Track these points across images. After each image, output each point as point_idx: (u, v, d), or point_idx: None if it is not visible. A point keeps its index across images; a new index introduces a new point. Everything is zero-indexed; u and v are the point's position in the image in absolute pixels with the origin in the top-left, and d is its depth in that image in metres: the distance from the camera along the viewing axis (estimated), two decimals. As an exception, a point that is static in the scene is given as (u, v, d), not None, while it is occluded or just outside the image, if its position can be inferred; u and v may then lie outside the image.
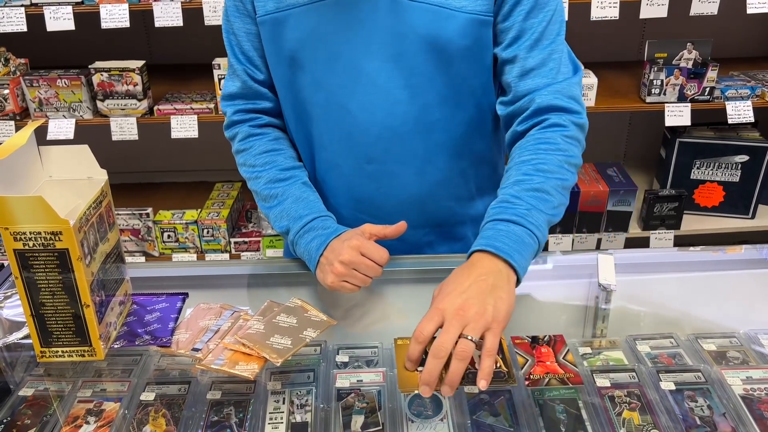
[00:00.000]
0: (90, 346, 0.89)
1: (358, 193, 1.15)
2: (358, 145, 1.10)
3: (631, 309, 1.13)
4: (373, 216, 1.15)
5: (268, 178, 1.14)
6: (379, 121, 1.07)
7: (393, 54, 1.02)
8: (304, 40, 1.04)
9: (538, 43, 1.01)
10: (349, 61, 1.04)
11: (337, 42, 1.03)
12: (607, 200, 2.33)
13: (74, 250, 0.82)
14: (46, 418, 0.87)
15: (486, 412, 0.86)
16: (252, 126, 1.18)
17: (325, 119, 1.10)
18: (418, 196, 1.14)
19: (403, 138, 1.08)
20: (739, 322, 1.03)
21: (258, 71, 1.14)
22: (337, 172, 1.14)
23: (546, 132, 1.01)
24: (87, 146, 0.96)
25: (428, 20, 1.00)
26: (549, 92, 1.01)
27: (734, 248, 1.46)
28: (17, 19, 2.02)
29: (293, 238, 1.10)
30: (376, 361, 0.96)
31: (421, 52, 1.02)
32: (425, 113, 1.07)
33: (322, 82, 1.06)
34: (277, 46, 1.07)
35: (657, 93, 2.20)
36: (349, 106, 1.07)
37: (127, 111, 2.18)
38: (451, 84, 1.05)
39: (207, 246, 2.40)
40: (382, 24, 1.01)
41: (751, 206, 2.43)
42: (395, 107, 1.06)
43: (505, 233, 0.90)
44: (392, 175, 1.12)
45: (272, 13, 1.05)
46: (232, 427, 0.85)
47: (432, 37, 1.01)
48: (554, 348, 0.96)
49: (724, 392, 0.88)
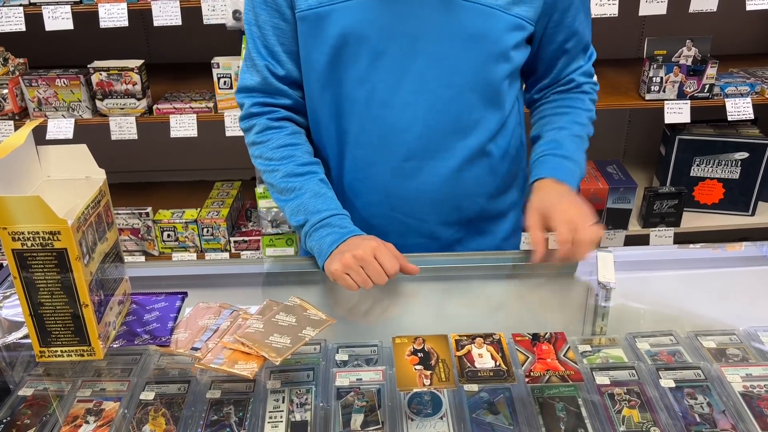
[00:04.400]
0: (89, 346, 0.88)
1: (394, 191, 1.15)
2: (397, 143, 1.10)
3: (631, 306, 1.13)
4: (407, 214, 1.16)
5: (285, 171, 1.13)
6: (422, 119, 1.08)
7: (438, 52, 1.04)
8: (348, 36, 1.04)
9: (580, 40, 1.18)
10: (394, 57, 1.05)
11: (383, 38, 1.04)
12: (606, 198, 2.33)
13: (72, 250, 0.82)
14: (45, 418, 0.87)
15: (485, 410, 0.86)
16: (270, 119, 1.17)
17: (365, 115, 1.10)
18: (453, 194, 1.15)
19: (443, 136, 1.10)
20: (739, 319, 1.03)
21: (280, 67, 1.13)
22: (374, 170, 1.14)
23: (577, 95, 1.23)
24: (85, 146, 0.96)
25: (478, 20, 1.02)
26: (581, 73, 1.22)
27: (734, 245, 1.46)
28: (16, 18, 2.02)
29: (308, 230, 1.10)
30: (375, 359, 0.96)
31: (468, 52, 1.04)
32: (466, 112, 1.09)
33: (366, 78, 1.07)
34: (318, 41, 1.07)
35: (656, 90, 2.20)
36: (392, 102, 1.07)
37: (126, 110, 2.18)
38: (491, 84, 1.09)
39: (207, 245, 2.40)
40: (429, 21, 1.03)
41: (751, 203, 2.43)
42: (438, 105, 1.07)
43: (564, 167, 1.14)
44: (430, 173, 1.13)
45: (315, 8, 1.04)
46: (232, 426, 0.85)
47: (480, 36, 1.03)
48: (555, 345, 0.96)
49: (724, 389, 0.88)
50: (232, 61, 2.11)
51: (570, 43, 1.16)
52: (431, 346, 0.95)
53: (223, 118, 2.16)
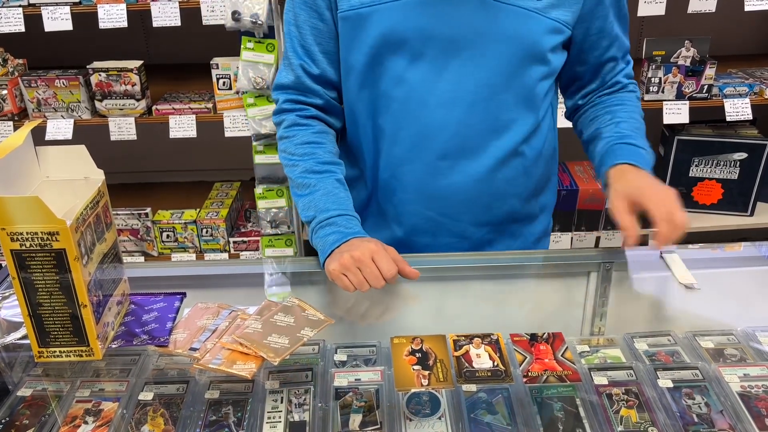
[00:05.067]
0: (88, 346, 0.89)
1: (428, 190, 1.16)
2: (433, 141, 1.12)
3: (629, 307, 1.13)
4: (441, 213, 1.17)
5: (304, 167, 1.15)
6: (458, 118, 1.10)
7: (477, 53, 1.06)
8: (388, 36, 1.06)
9: (621, 46, 1.21)
10: (433, 58, 1.07)
11: (422, 39, 1.05)
12: (606, 198, 2.33)
13: (71, 250, 0.82)
14: (44, 418, 0.87)
15: (484, 410, 0.86)
16: (299, 116, 1.19)
17: (402, 114, 1.11)
18: (486, 194, 1.16)
19: (479, 136, 1.11)
20: (737, 319, 1.03)
21: (315, 66, 1.15)
22: (409, 168, 1.15)
23: (626, 94, 1.25)
24: (84, 146, 0.96)
25: (517, 22, 1.04)
26: (624, 75, 1.25)
27: (733, 245, 1.46)
28: (15, 19, 2.02)
29: (314, 226, 1.12)
30: (374, 359, 0.96)
31: (505, 53, 1.06)
32: (502, 113, 1.11)
33: (404, 77, 1.09)
34: (359, 41, 1.09)
35: (655, 91, 2.20)
36: (429, 101, 1.09)
37: (126, 111, 2.18)
38: (528, 86, 1.10)
39: (206, 246, 2.40)
40: (468, 23, 1.04)
41: (750, 204, 2.43)
42: (474, 105, 1.09)
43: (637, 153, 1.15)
44: (465, 173, 1.14)
45: (357, 8, 1.06)
46: (231, 426, 0.85)
47: (518, 38, 1.05)
48: (553, 345, 0.96)
49: (722, 389, 0.88)
50: (231, 61, 2.12)
51: (613, 49, 1.19)
52: (429, 347, 0.95)
53: (223, 118, 2.16)
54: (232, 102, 2.17)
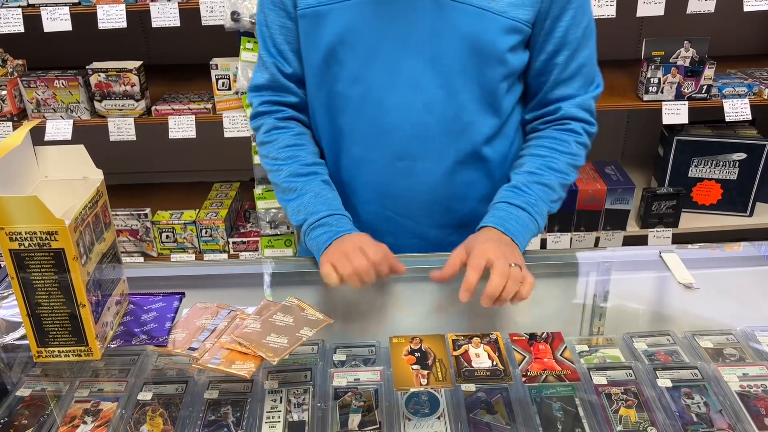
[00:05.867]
0: (86, 346, 0.88)
1: (386, 190, 1.16)
2: (391, 142, 1.11)
3: (628, 306, 1.13)
4: (400, 214, 1.17)
5: (289, 171, 1.15)
6: (415, 119, 1.08)
7: (432, 53, 1.04)
8: (344, 35, 1.05)
9: (572, 58, 1.11)
10: (388, 57, 1.06)
11: (377, 38, 1.05)
12: (605, 198, 2.33)
13: (70, 250, 0.82)
14: (43, 419, 0.87)
15: (483, 410, 0.86)
16: (276, 119, 1.19)
17: (359, 114, 1.11)
18: (446, 196, 1.15)
19: (436, 137, 1.10)
20: (736, 319, 1.03)
21: (287, 64, 1.15)
22: (367, 168, 1.15)
23: (563, 134, 1.14)
24: (83, 146, 0.96)
25: (470, 21, 1.02)
26: (573, 104, 1.14)
27: (732, 245, 1.46)
28: (14, 19, 2.02)
29: (306, 229, 1.11)
30: (373, 359, 0.96)
31: (461, 53, 1.04)
32: (460, 113, 1.09)
33: (360, 76, 1.08)
34: (316, 38, 1.08)
35: (654, 91, 2.20)
36: (385, 102, 1.08)
37: (125, 111, 2.18)
38: (486, 87, 1.08)
39: (205, 246, 2.40)
40: (423, 22, 1.03)
41: (749, 204, 2.43)
42: (431, 106, 1.08)
43: (515, 217, 1.07)
44: (422, 174, 1.13)
45: (314, 6, 1.06)
46: (230, 426, 0.85)
47: (473, 38, 1.03)
48: (552, 345, 0.96)
49: (721, 389, 0.88)
50: (230, 62, 2.12)
51: (560, 57, 1.09)
52: (428, 346, 0.95)
53: (222, 119, 2.16)
54: (232, 102, 2.17)
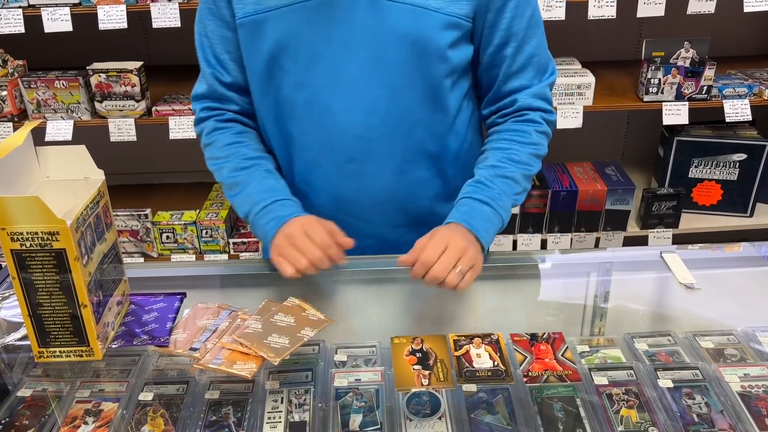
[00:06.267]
0: (88, 346, 0.88)
1: (339, 193, 1.15)
2: (338, 145, 1.10)
3: (629, 307, 1.13)
4: (354, 216, 1.16)
5: (230, 167, 1.15)
6: (360, 121, 1.08)
7: (373, 54, 1.04)
8: (285, 41, 1.05)
9: (520, 49, 1.09)
10: (330, 61, 1.05)
11: (318, 42, 1.04)
12: (605, 199, 2.33)
13: (71, 250, 0.82)
14: (44, 419, 0.87)
15: (484, 410, 0.86)
16: (217, 120, 1.19)
17: (306, 119, 1.11)
18: (398, 195, 1.14)
19: (383, 138, 1.09)
20: (737, 319, 1.04)
21: (227, 74, 1.15)
22: (319, 172, 1.15)
23: (523, 125, 1.13)
24: (84, 146, 0.96)
25: (407, 20, 1.01)
26: (528, 95, 1.13)
27: (732, 246, 1.46)
28: (15, 20, 2.02)
29: (252, 219, 1.11)
30: (374, 360, 0.96)
31: (401, 53, 1.03)
32: (405, 113, 1.08)
33: (304, 82, 1.07)
34: (257, 47, 1.08)
35: (655, 92, 2.20)
36: (330, 105, 1.08)
37: (125, 112, 2.18)
38: (430, 85, 1.07)
39: (206, 247, 2.40)
40: (362, 24, 1.02)
41: (749, 204, 2.43)
42: (376, 107, 1.07)
43: (479, 212, 1.06)
44: (372, 175, 1.12)
45: (252, 15, 1.06)
46: (231, 426, 0.85)
47: (411, 36, 1.02)
48: (553, 345, 0.96)
49: (722, 389, 0.88)
50: (231, 62, 2.11)
51: (509, 49, 1.08)
52: (429, 346, 0.95)
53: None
54: (232, 103, 2.17)
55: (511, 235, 2.38)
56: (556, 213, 2.35)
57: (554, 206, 2.33)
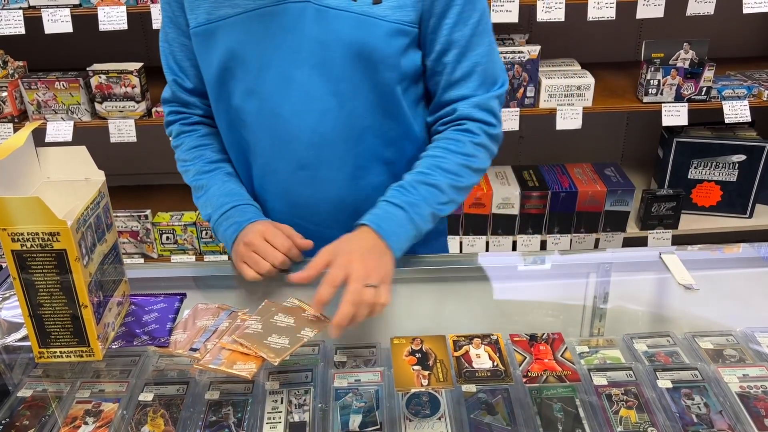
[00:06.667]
0: (88, 347, 0.89)
1: (294, 199, 1.16)
2: (290, 152, 1.11)
3: (628, 308, 1.13)
4: (310, 221, 1.17)
5: (195, 170, 1.18)
6: (310, 128, 1.08)
7: (320, 62, 1.04)
8: (235, 50, 1.06)
9: (462, 57, 1.08)
10: (279, 69, 1.06)
11: (267, 50, 1.05)
12: (604, 200, 2.33)
13: (72, 251, 0.82)
14: (44, 419, 0.87)
15: (483, 411, 0.86)
16: (182, 124, 1.23)
17: (258, 126, 1.11)
18: (352, 201, 1.14)
19: (333, 144, 1.09)
20: (736, 320, 1.04)
21: (188, 80, 1.18)
22: (274, 178, 1.15)
23: (458, 134, 1.11)
24: (84, 147, 0.96)
25: (352, 28, 1.02)
26: (468, 104, 1.10)
27: (732, 247, 1.46)
28: (15, 21, 2.02)
29: (213, 225, 1.14)
30: (374, 360, 0.97)
31: (347, 60, 1.03)
32: (355, 120, 1.08)
33: (254, 89, 1.08)
34: (209, 56, 1.09)
35: (654, 93, 2.21)
36: (280, 112, 1.08)
37: (126, 113, 2.18)
38: (379, 92, 1.07)
39: (206, 248, 2.40)
40: (309, 32, 1.03)
41: (749, 205, 2.43)
42: (325, 114, 1.07)
43: (392, 216, 1.03)
44: (325, 181, 1.13)
45: (204, 24, 1.07)
46: (231, 427, 0.85)
47: (356, 44, 1.02)
48: (553, 346, 0.96)
49: (721, 390, 0.88)
50: (231, 63, 2.12)
51: (449, 57, 1.07)
52: (429, 347, 0.95)
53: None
54: (232, 104, 2.17)
55: (510, 236, 2.38)
56: (555, 214, 2.35)
57: (554, 207, 2.34)
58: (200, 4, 1.06)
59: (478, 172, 1.12)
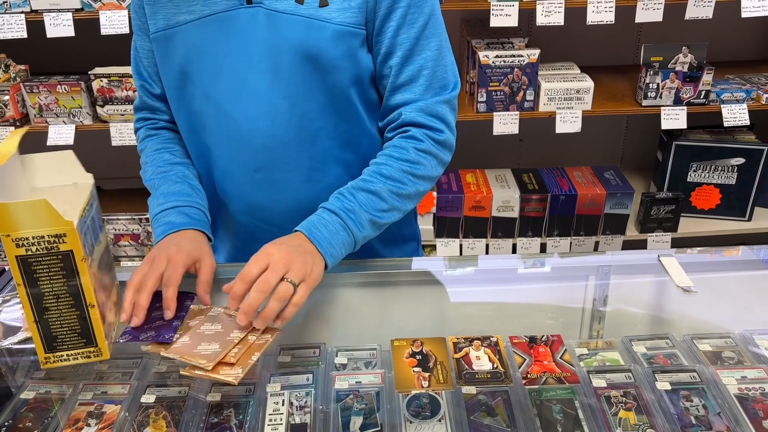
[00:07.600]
0: (96, 347, 0.89)
1: (251, 201, 1.17)
2: (245, 154, 1.12)
3: (627, 310, 1.14)
4: (268, 222, 1.17)
5: (151, 171, 1.19)
6: (263, 131, 1.09)
7: (271, 65, 1.05)
8: (191, 55, 1.08)
9: (407, 60, 1.07)
10: (233, 72, 1.07)
11: (221, 55, 1.06)
12: (604, 203, 2.34)
13: (78, 251, 0.82)
14: (47, 421, 0.88)
15: (483, 412, 0.87)
16: (148, 128, 1.25)
17: (215, 129, 1.12)
18: (308, 203, 1.13)
19: (287, 147, 1.10)
20: (735, 322, 1.04)
21: (155, 86, 1.20)
22: (232, 181, 1.16)
23: (402, 141, 1.09)
24: (71, 151, 0.96)
25: (299, 31, 1.02)
26: (413, 109, 1.09)
27: (731, 249, 1.47)
28: (17, 25, 2.03)
29: (152, 222, 1.14)
30: (374, 362, 0.97)
31: (296, 63, 1.04)
32: (307, 122, 1.09)
33: (210, 93, 1.09)
34: (168, 61, 1.11)
35: (653, 96, 2.22)
36: (235, 116, 1.09)
37: (127, 116, 2.19)
38: (331, 94, 1.07)
39: (206, 250, 2.41)
40: (260, 36, 1.04)
41: (748, 209, 2.44)
42: (277, 117, 1.08)
43: (326, 223, 1.02)
44: (280, 183, 1.13)
45: (162, 30, 1.09)
46: (232, 428, 0.86)
47: (304, 47, 1.03)
48: (552, 348, 0.97)
49: (719, 392, 0.89)
50: (232, 67, 2.13)
51: (393, 60, 1.06)
52: (429, 349, 0.96)
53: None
54: (233, 107, 2.18)
55: (510, 239, 2.39)
56: (555, 217, 2.36)
57: (553, 210, 2.34)
58: (159, 10, 1.08)
59: (425, 179, 1.10)
